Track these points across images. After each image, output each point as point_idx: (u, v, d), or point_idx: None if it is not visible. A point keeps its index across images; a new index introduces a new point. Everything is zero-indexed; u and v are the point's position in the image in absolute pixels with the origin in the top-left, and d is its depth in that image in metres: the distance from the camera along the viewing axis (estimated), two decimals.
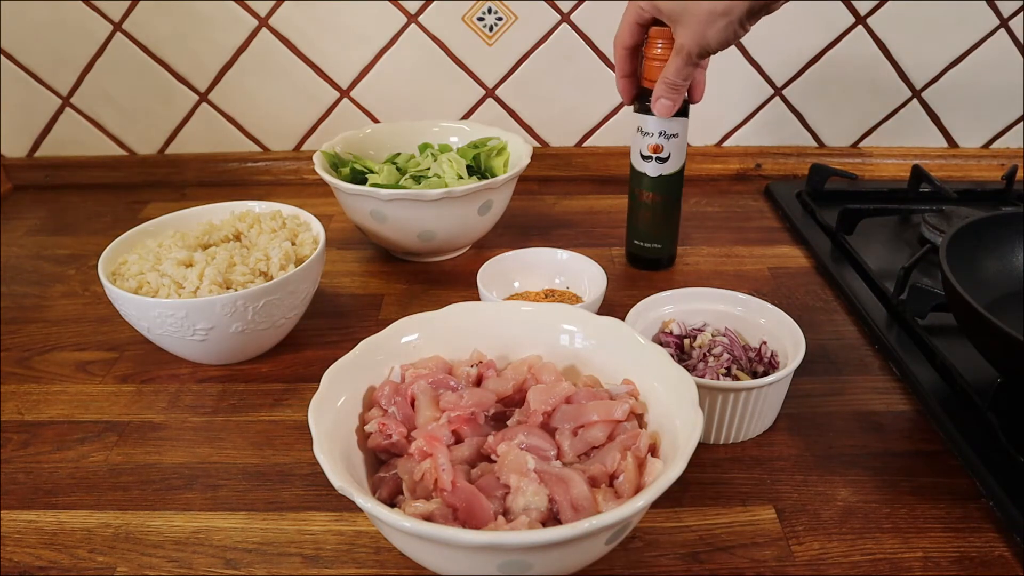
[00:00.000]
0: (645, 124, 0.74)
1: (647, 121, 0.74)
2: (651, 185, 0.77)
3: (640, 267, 0.83)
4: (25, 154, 1.09)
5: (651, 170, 0.76)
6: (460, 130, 0.93)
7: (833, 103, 1.05)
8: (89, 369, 0.69)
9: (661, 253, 0.82)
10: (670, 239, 0.82)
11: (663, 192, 0.77)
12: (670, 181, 0.77)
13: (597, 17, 0.99)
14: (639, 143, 0.76)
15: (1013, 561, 0.50)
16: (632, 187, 0.79)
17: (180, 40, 1.00)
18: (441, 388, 0.53)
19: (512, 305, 0.60)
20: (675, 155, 0.75)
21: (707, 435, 0.59)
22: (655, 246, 0.81)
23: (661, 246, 0.81)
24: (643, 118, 0.74)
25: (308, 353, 0.71)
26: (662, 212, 0.79)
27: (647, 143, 0.75)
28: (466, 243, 0.87)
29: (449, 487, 0.45)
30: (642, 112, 0.74)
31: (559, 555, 0.41)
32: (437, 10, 0.99)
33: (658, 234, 0.80)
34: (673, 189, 0.78)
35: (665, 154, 0.74)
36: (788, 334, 0.62)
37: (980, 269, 0.68)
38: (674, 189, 0.78)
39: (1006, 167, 0.99)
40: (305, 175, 1.07)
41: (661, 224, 0.80)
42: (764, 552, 0.50)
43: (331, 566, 0.50)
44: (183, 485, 0.57)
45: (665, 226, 0.80)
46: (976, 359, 0.61)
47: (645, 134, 0.75)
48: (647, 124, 0.74)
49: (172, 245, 0.70)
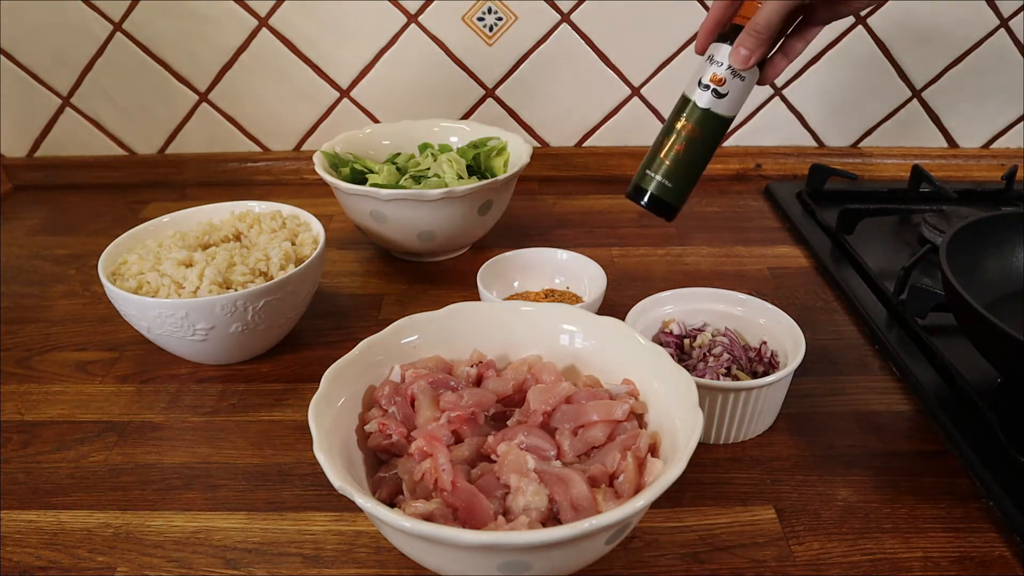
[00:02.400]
0: (718, 52, 0.67)
1: (721, 49, 0.67)
2: (696, 116, 0.68)
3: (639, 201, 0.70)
4: (25, 154, 1.09)
5: (703, 100, 0.67)
6: (460, 130, 0.93)
7: (833, 103, 1.05)
8: (89, 369, 0.69)
9: (669, 195, 0.70)
10: (684, 186, 0.70)
11: (703, 129, 0.68)
12: (716, 121, 0.68)
13: (597, 17, 0.99)
14: (703, 70, 0.68)
15: (1013, 561, 0.50)
16: (671, 116, 0.70)
17: (180, 40, 1.00)
18: (441, 388, 0.53)
19: (512, 305, 0.59)
20: (733, 97, 0.68)
21: (707, 435, 0.59)
22: (665, 183, 0.69)
23: (672, 186, 0.70)
24: (718, 46, 0.67)
25: (308, 353, 0.71)
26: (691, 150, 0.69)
27: (712, 72, 0.67)
28: (466, 243, 0.87)
29: (449, 487, 0.45)
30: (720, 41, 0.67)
31: (559, 555, 0.41)
32: (437, 10, 0.99)
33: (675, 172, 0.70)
34: (714, 131, 0.69)
35: (725, 90, 0.67)
36: (788, 334, 0.62)
37: (980, 269, 0.68)
38: (715, 132, 0.69)
39: (1006, 167, 0.99)
40: (305, 175, 1.07)
41: (683, 162, 0.69)
42: (764, 552, 0.50)
43: (331, 566, 0.50)
44: (183, 485, 0.57)
45: (686, 167, 0.70)
46: (976, 359, 0.61)
47: (714, 63, 0.67)
48: (719, 52, 0.67)
49: (172, 245, 0.70)
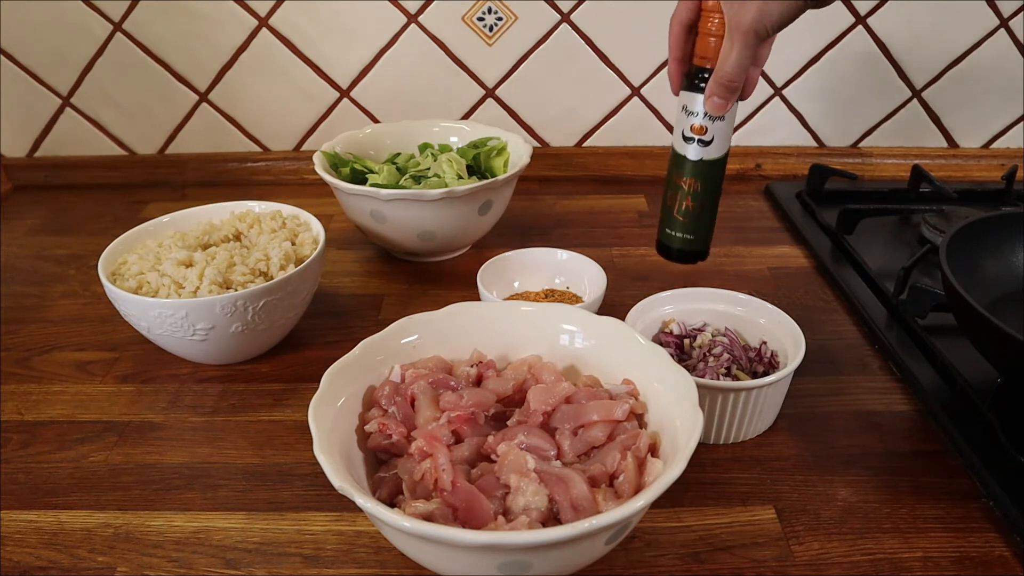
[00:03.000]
0: (691, 103, 0.68)
1: (693, 99, 0.67)
2: (690, 170, 0.70)
3: (670, 258, 0.74)
4: (25, 154, 1.08)
5: (692, 153, 0.69)
6: (460, 130, 0.93)
7: (833, 103, 1.05)
8: (89, 369, 0.69)
9: (693, 245, 0.73)
10: (705, 232, 0.74)
11: (702, 179, 0.70)
12: (711, 167, 0.70)
13: (597, 17, 0.99)
14: (682, 123, 0.69)
15: (1013, 561, 0.50)
16: (669, 170, 0.72)
17: (180, 40, 1.00)
18: (441, 388, 0.53)
19: (512, 305, 0.60)
20: (719, 140, 0.69)
21: (707, 435, 0.59)
22: (687, 237, 0.73)
23: (694, 238, 0.73)
24: (689, 95, 0.68)
25: (308, 353, 0.71)
26: (699, 201, 0.71)
27: (691, 123, 0.68)
28: (466, 243, 0.87)
29: (449, 487, 0.45)
30: (689, 90, 0.68)
31: (559, 555, 0.41)
32: (437, 10, 0.99)
33: (691, 225, 0.72)
34: (714, 177, 0.71)
35: (708, 136, 0.68)
36: (788, 334, 0.62)
37: (980, 269, 0.68)
38: (715, 177, 0.71)
39: (1006, 167, 0.99)
40: (305, 175, 1.07)
41: (696, 214, 0.72)
42: (764, 552, 0.50)
43: (331, 566, 0.50)
44: (183, 485, 0.57)
45: (700, 217, 0.72)
46: (976, 359, 0.61)
47: (690, 113, 0.68)
48: (693, 103, 0.68)
49: (172, 245, 0.70)
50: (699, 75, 0.68)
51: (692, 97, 0.69)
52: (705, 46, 0.66)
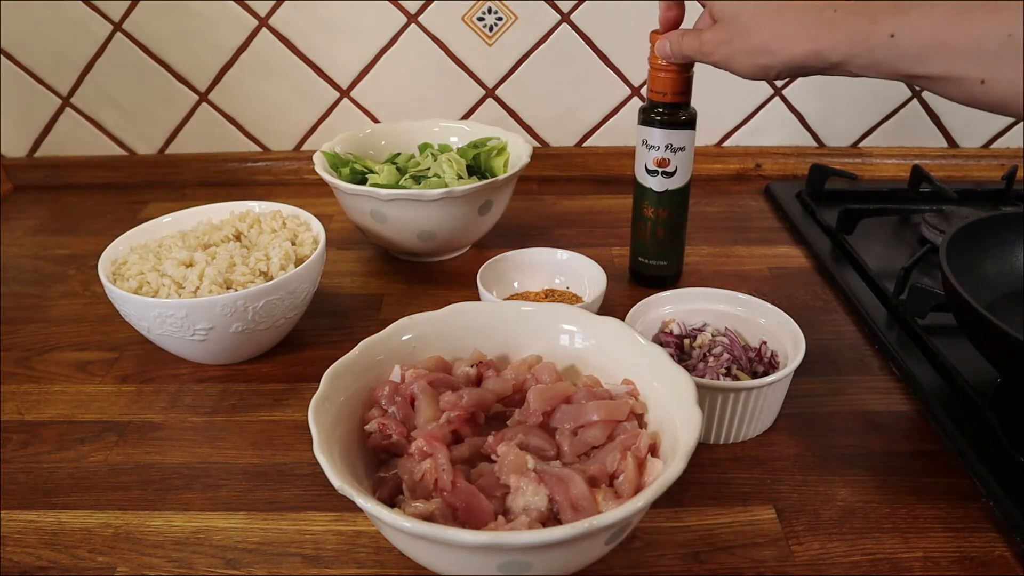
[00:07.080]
0: (650, 137, 0.70)
1: (652, 134, 0.70)
2: (656, 200, 0.73)
3: (644, 285, 0.78)
4: (25, 154, 1.09)
5: (656, 185, 0.72)
6: (460, 130, 0.93)
7: (833, 103, 1.05)
8: (89, 369, 0.69)
9: (667, 271, 0.78)
10: (676, 256, 0.78)
11: (669, 208, 0.73)
12: (676, 196, 0.73)
13: (597, 17, 0.99)
14: (644, 156, 0.72)
15: (1013, 561, 0.50)
16: (636, 201, 0.75)
17: (180, 40, 1.00)
18: (441, 388, 0.53)
19: (512, 305, 0.59)
20: (682, 169, 0.71)
21: (707, 435, 0.59)
22: (660, 263, 0.77)
23: (667, 263, 0.77)
24: (648, 130, 0.70)
25: (308, 353, 0.71)
26: (668, 228, 0.75)
27: (652, 156, 0.71)
28: (466, 243, 0.87)
29: (449, 487, 0.45)
30: (647, 124, 0.70)
31: (559, 555, 0.41)
32: (437, 10, 0.99)
33: (663, 251, 0.76)
34: (679, 205, 0.74)
35: (671, 168, 0.70)
36: (788, 334, 0.62)
37: (980, 269, 0.68)
38: (680, 205, 0.74)
39: (1006, 167, 0.99)
40: (305, 175, 1.07)
41: (666, 241, 0.76)
42: (764, 552, 0.50)
43: (331, 566, 0.50)
44: (183, 485, 0.57)
45: (671, 243, 0.76)
46: (976, 359, 0.61)
47: (650, 147, 0.71)
48: (652, 137, 0.70)
49: (172, 245, 0.70)
50: (654, 109, 0.69)
51: (650, 132, 0.71)
52: (657, 80, 0.67)
